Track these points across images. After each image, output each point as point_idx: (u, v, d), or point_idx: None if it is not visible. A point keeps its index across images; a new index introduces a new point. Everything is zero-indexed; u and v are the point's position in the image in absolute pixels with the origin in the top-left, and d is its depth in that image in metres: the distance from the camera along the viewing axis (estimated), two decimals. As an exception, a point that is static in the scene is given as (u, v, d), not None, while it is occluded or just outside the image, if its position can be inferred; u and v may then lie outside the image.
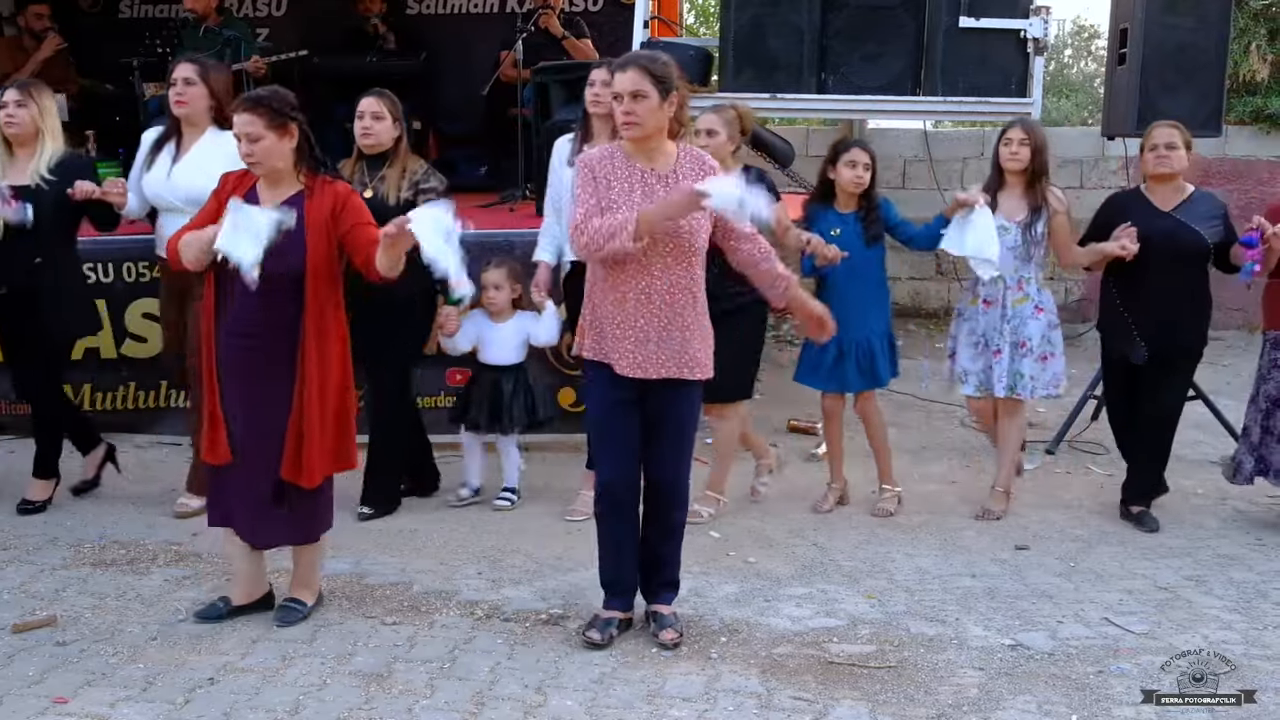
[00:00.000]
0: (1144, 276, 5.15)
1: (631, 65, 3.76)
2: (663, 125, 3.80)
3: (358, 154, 5.18)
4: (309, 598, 4.20)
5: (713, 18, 13.72)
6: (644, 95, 3.72)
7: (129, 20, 9.05)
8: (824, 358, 5.31)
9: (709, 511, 5.31)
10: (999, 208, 5.27)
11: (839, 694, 3.67)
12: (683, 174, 3.83)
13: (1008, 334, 5.30)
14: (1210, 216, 5.18)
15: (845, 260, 5.15)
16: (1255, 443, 5.23)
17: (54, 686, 3.60)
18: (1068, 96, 16.29)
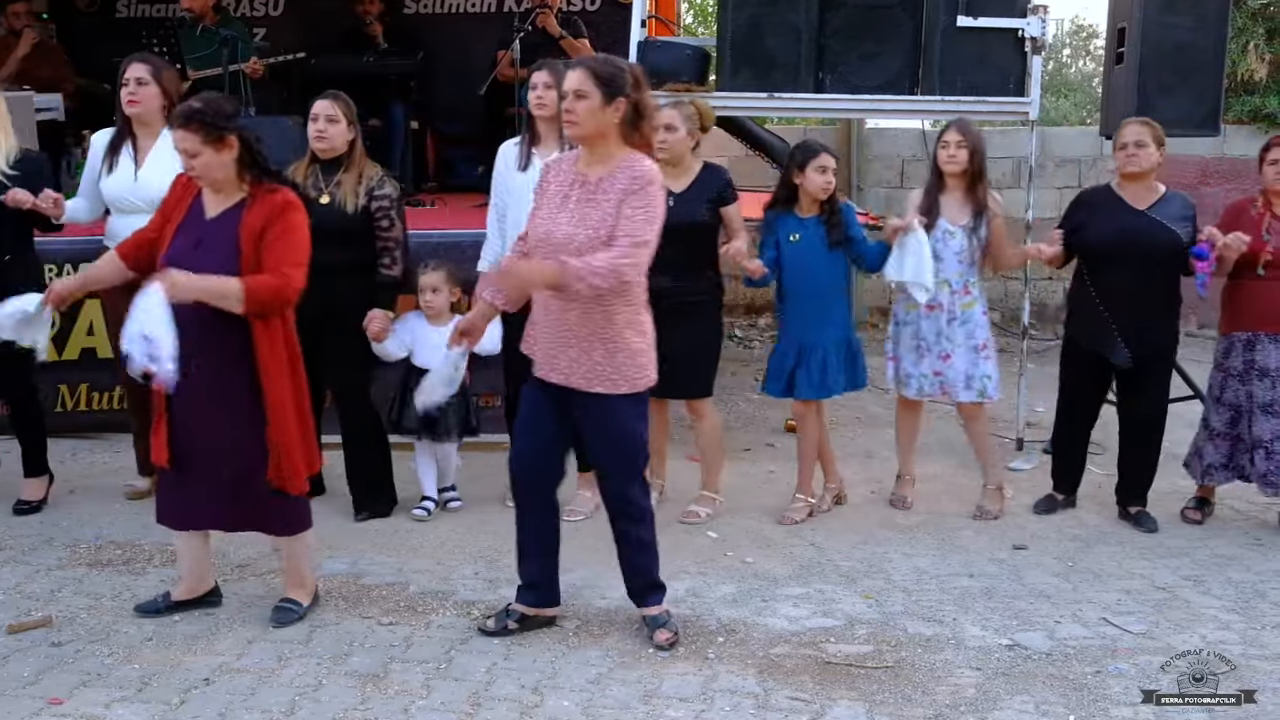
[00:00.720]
0: (1121, 276, 5.14)
1: (580, 65, 3.77)
2: (604, 129, 3.74)
3: (311, 157, 5.12)
4: (304, 597, 4.18)
5: (710, 17, 13.71)
6: (585, 95, 3.69)
7: (126, 20, 9.05)
8: (783, 365, 5.27)
9: (706, 511, 5.31)
10: (943, 211, 5.27)
11: (836, 694, 3.67)
12: (608, 184, 3.75)
13: (961, 337, 5.28)
14: (1183, 217, 5.18)
15: (803, 267, 5.15)
16: (1230, 442, 5.22)
17: (49, 687, 3.60)
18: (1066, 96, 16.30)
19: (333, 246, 4.89)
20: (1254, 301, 5.12)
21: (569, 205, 3.79)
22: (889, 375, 5.54)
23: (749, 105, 6.68)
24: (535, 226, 3.87)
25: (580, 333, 3.78)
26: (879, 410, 7.28)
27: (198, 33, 7.44)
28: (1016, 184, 9.87)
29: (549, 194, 3.87)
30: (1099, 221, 5.21)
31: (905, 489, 5.60)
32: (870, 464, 6.24)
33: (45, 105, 6.96)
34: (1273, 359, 5.09)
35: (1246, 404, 5.16)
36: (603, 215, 3.72)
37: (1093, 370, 5.33)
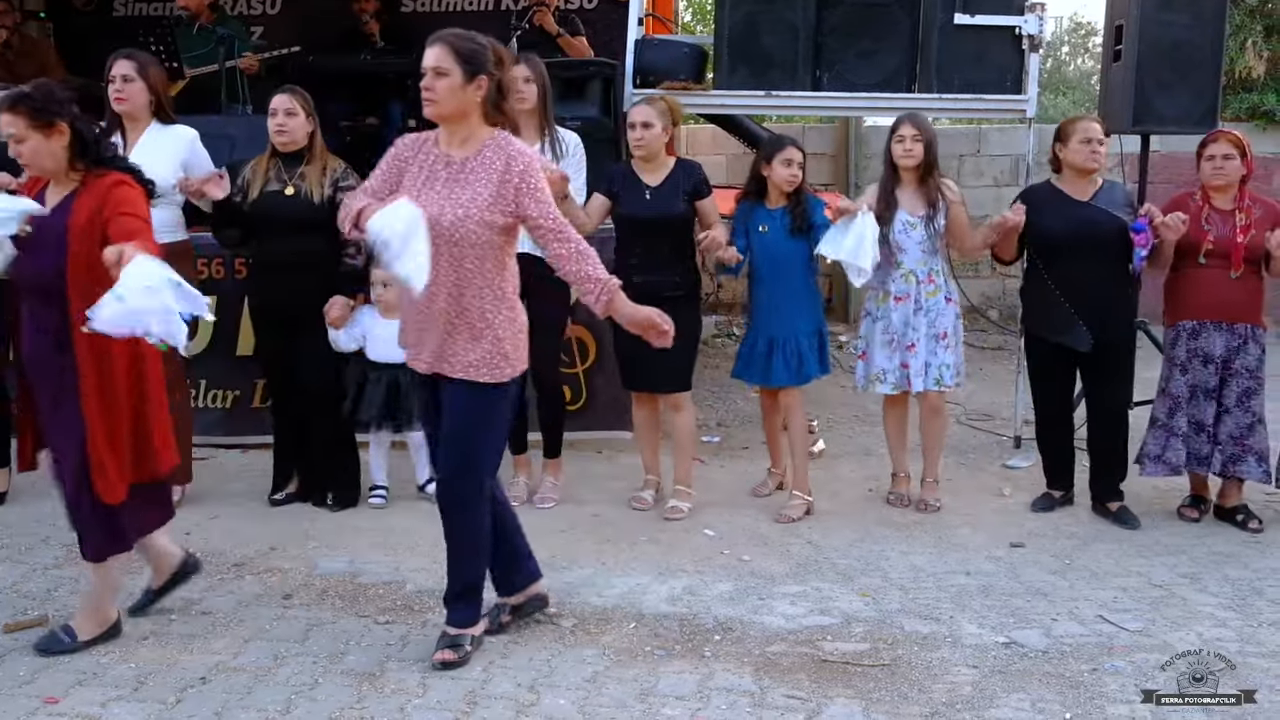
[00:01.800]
0: (1075, 267, 5.24)
1: (439, 41, 3.65)
2: (466, 107, 3.67)
3: (271, 151, 5.19)
4: (85, 630, 3.87)
5: (708, 15, 13.71)
6: (445, 73, 3.61)
7: (123, 18, 9.02)
8: (754, 352, 5.39)
9: (687, 505, 5.37)
10: (900, 204, 5.34)
11: (833, 692, 3.66)
12: (476, 163, 3.68)
13: (924, 327, 5.35)
14: (1125, 204, 5.31)
15: (772, 256, 5.28)
16: (1186, 433, 5.24)
17: (45, 686, 3.59)
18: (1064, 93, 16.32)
19: (300, 237, 5.00)
20: (1196, 291, 5.22)
21: (435, 185, 3.69)
22: (858, 374, 5.60)
23: (746, 103, 6.69)
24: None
25: (445, 318, 3.70)
26: (877, 408, 7.24)
27: (194, 31, 7.43)
28: (1014, 181, 9.86)
29: (409, 175, 3.74)
30: (1046, 217, 5.28)
31: (901, 486, 5.62)
32: (868, 462, 6.24)
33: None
34: (1217, 346, 5.17)
35: (1185, 394, 5.23)
36: (473, 195, 3.64)
37: (1059, 363, 5.39)
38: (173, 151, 5.21)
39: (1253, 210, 5.18)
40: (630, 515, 5.32)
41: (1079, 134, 5.26)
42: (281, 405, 5.42)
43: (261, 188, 5.15)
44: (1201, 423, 5.19)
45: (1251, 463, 5.17)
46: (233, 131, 6.27)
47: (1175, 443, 5.24)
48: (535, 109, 5.22)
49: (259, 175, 5.18)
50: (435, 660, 3.77)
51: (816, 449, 6.43)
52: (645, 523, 5.22)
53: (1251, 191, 5.28)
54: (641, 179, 5.28)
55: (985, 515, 5.39)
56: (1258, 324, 5.21)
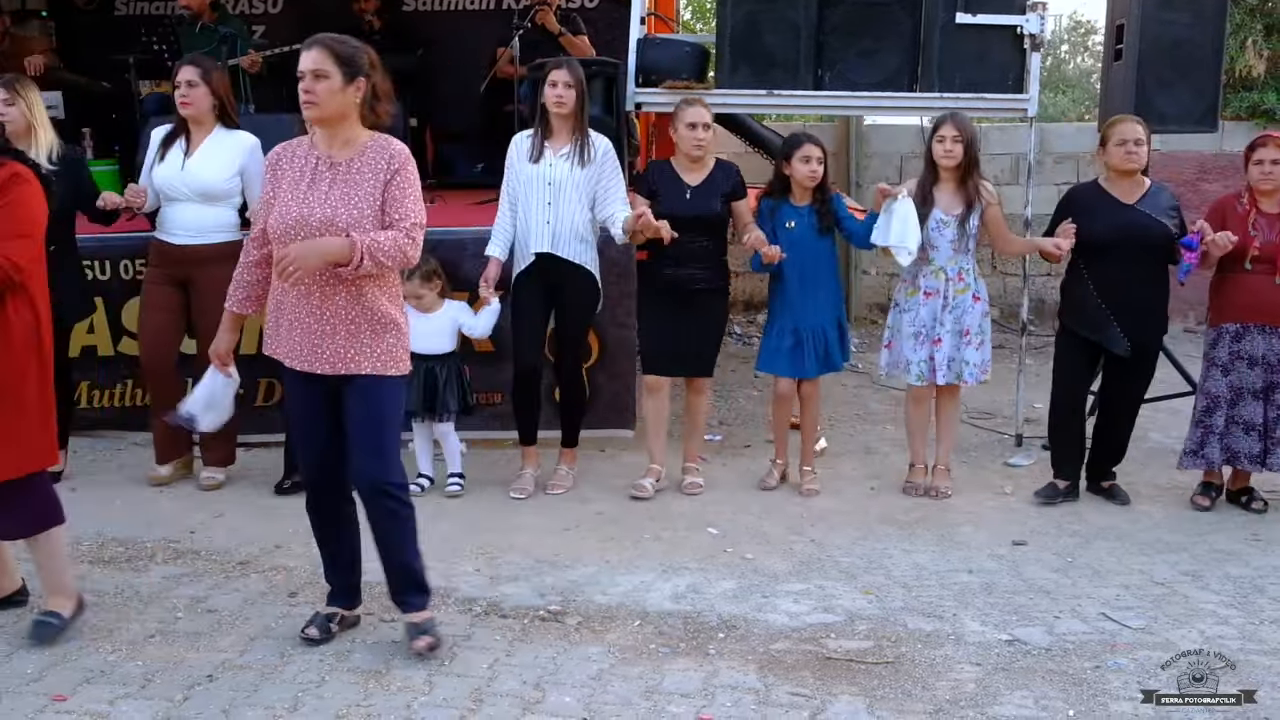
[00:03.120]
0: (1116, 269, 5.33)
1: (317, 44, 3.64)
2: (346, 110, 3.66)
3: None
4: (65, 607, 3.95)
5: (709, 14, 13.72)
6: (324, 75, 3.61)
7: (124, 18, 9.03)
8: (781, 344, 5.57)
9: (701, 480, 5.64)
10: (937, 202, 5.44)
11: (836, 689, 3.68)
12: (361, 164, 3.69)
13: (950, 323, 5.47)
14: (1169, 208, 5.38)
15: (799, 252, 5.44)
16: (1222, 431, 5.33)
17: (53, 684, 3.61)
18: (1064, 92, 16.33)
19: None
20: (1241, 294, 5.29)
21: (320, 188, 3.68)
22: (881, 362, 5.75)
23: (748, 102, 6.69)
24: (284, 212, 3.67)
25: (347, 316, 3.69)
26: (879, 406, 7.30)
27: (196, 30, 7.44)
28: (1015, 180, 9.88)
29: (286, 181, 3.73)
30: (1092, 218, 5.35)
31: (918, 476, 5.71)
32: (870, 460, 6.25)
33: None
34: (1259, 348, 5.25)
35: (1225, 394, 5.31)
36: (364, 195, 3.66)
37: (1088, 359, 5.56)
38: (233, 156, 5.42)
39: None
40: (634, 513, 5.34)
41: (1115, 137, 5.35)
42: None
43: None
44: (1251, 422, 5.28)
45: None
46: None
47: (1213, 440, 5.34)
48: (572, 113, 5.34)
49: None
50: (418, 648, 3.81)
51: (819, 447, 6.44)
52: (649, 521, 5.23)
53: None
54: (682, 178, 5.46)
55: (988, 513, 5.41)
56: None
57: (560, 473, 5.69)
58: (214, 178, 5.36)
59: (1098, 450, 5.68)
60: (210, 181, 5.36)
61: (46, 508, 3.90)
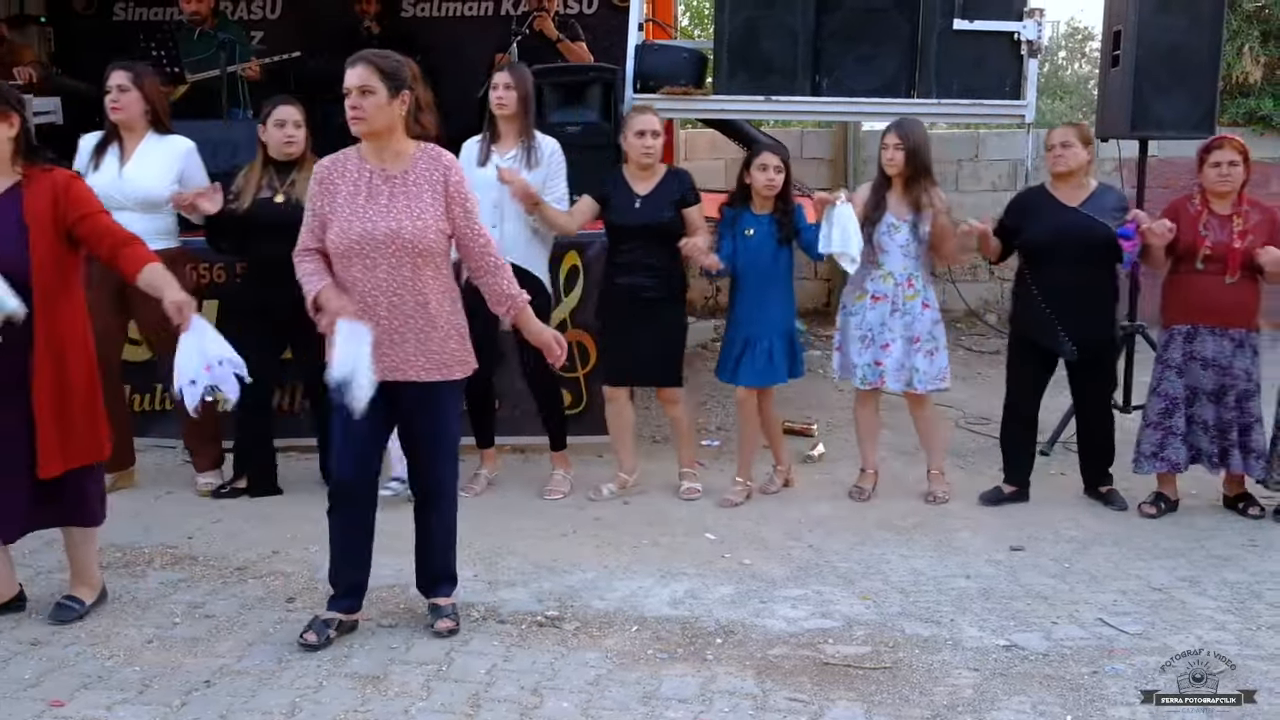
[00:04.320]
0: (1059, 271, 5.36)
1: (360, 61, 3.76)
2: (393, 123, 3.79)
3: (265, 160, 5.32)
4: (88, 595, 4.17)
5: (707, 20, 13.73)
6: (371, 91, 3.73)
7: (123, 23, 9.03)
8: (732, 352, 5.54)
9: (700, 485, 5.62)
10: (889, 207, 5.45)
11: (834, 695, 3.68)
12: (416, 175, 3.82)
13: (900, 329, 5.47)
14: (1115, 209, 5.40)
15: (755, 260, 5.43)
16: (1182, 431, 5.33)
17: (50, 689, 3.60)
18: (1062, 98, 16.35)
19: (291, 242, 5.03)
20: (1192, 295, 5.31)
21: (379, 201, 3.79)
22: (834, 365, 5.75)
23: (746, 108, 6.71)
24: (346, 228, 3.78)
25: (416, 322, 3.82)
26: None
27: (195, 36, 7.45)
28: (1013, 186, 9.89)
29: (342, 195, 3.82)
30: (1034, 221, 5.42)
31: (866, 481, 5.74)
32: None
33: (43, 109, 6.96)
34: (1210, 349, 5.26)
35: (1182, 394, 5.32)
36: (424, 205, 3.81)
37: (1038, 364, 5.55)
38: (170, 162, 5.35)
39: (1250, 215, 5.24)
40: (632, 519, 5.34)
41: (1050, 140, 5.42)
42: (259, 406, 5.42)
43: (254, 195, 5.23)
44: (1207, 422, 5.30)
45: (1253, 462, 5.29)
46: (234, 136, 6.29)
47: (1174, 441, 5.33)
48: (515, 115, 5.36)
49: (251, 184, 5.29)
50: (442, 629, 4.00)
51: (816, 452, 6.45)
52: (647, 526, 5.24)
53: (1249, 196, 5.33)
54: (632, 187, 5.44)
55: (985, 518, 5.41)
56: (1252, 328, 5.28)
57: (556, 478, 5.69)
58: (153, 185, 5.30)
59: (1084, 455, 5.71)
60: (150, 189, 5.29)
61: (88, 506, 4.10)
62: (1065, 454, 6.39)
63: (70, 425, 3.92)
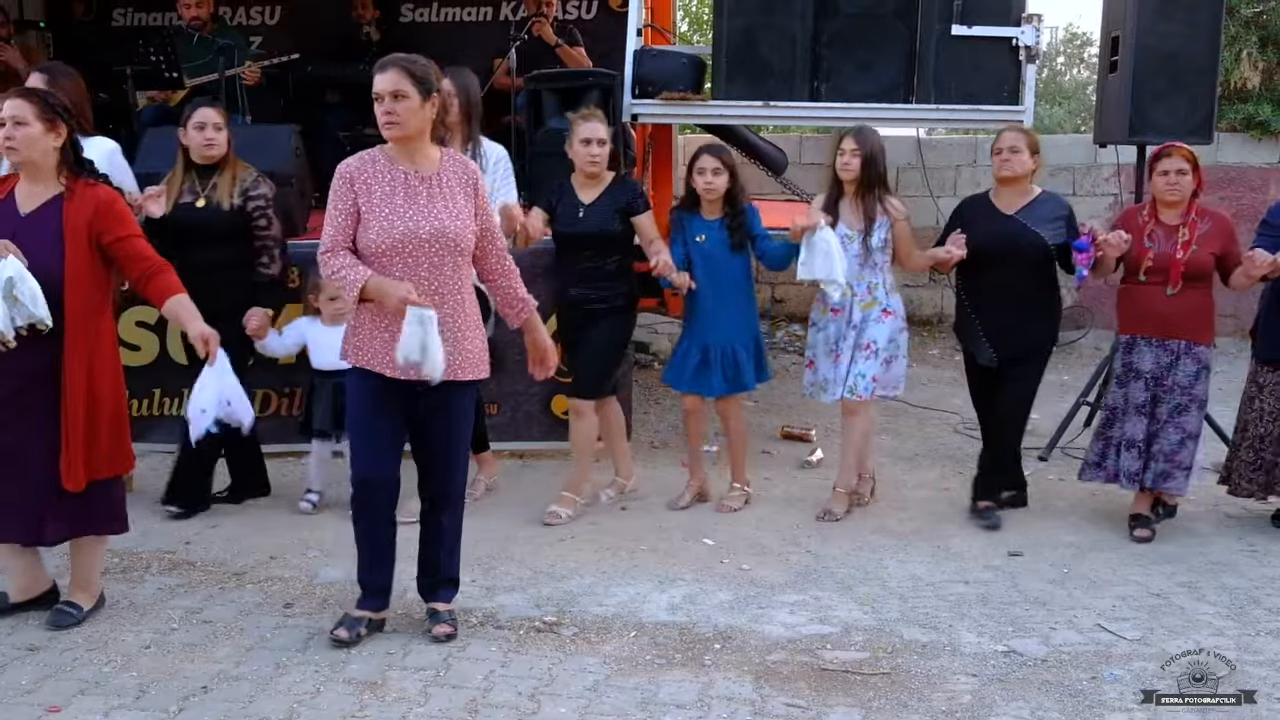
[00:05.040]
0: (988, 279, 5.31)
1: (392, 66, 3.77)
2: (424, 126, 3.84)
3: (186, 164, 5.25)
4: (86, 601, 4.17)
5: (706, 25, 13.73)
6: (405, 95, 3.75)
7: (122, 29, 9.04)
8: (687, 361, 5.43)
9: (567, 513, 5.37)
10: (842, 218, 5.35)
11: (832, 700, 3.68)
12: (448, 177, 3.88)
13: (852, 338, 5.38)
14: (1053, 218, 5.30)
15: (710, 266, 5.31)
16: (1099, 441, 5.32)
17: (47, 696, 3.60)
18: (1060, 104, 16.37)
19: (212, 246, 5.06)
20: (1134, 305, 5.25)
21: (418, 202, 3.82)
22: (805, 381, 5.62)
23: (744, 114, 6.71)
24: (387, 227, 3.79)
25: (455, 323, 3.86)
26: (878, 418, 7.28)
27: (194, 42, 7.46)
28: (1011, 191, 9.89)
29: (377, 195, 3.82)
30: (972, 228, 5.33)
31: (863, 486, 5.65)
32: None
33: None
34: (1147, 361, 5.18)
35: (1121, 405, 5.26)
36: (460, 206, 3.88)
37: (982, 373, 5.49)
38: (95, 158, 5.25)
39: (1198, 225, 5.13)
40: (630, 524, 5.34)
41: (998, 144, 5.35)
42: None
43: (175, 200, 5.19)
44: (1132, 439, 5.19)
45: (1180, 478, 5.15)
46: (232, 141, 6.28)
47: (1111, 453, 5.28)
48: (459, 121, 5.26)
49: (172, 188, 5.23)
50: (440, 633, 4.02)
51: (815, 458, 6.45)
52: (645, 532, 5.23)
53: (1200, 205, 5.23)
54: (578, 196, 5.33)
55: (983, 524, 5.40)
56: (1196, 340, 5.14)
57: (477, 482, 5.55)
58: None
59: (981, 464, 5.57)
60: None
61: (112, 515, 4.14)
62: (1064, 459, 6.40)
63: (97, 438, 3.94)
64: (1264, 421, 5.28)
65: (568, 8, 8.72)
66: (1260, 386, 5.31)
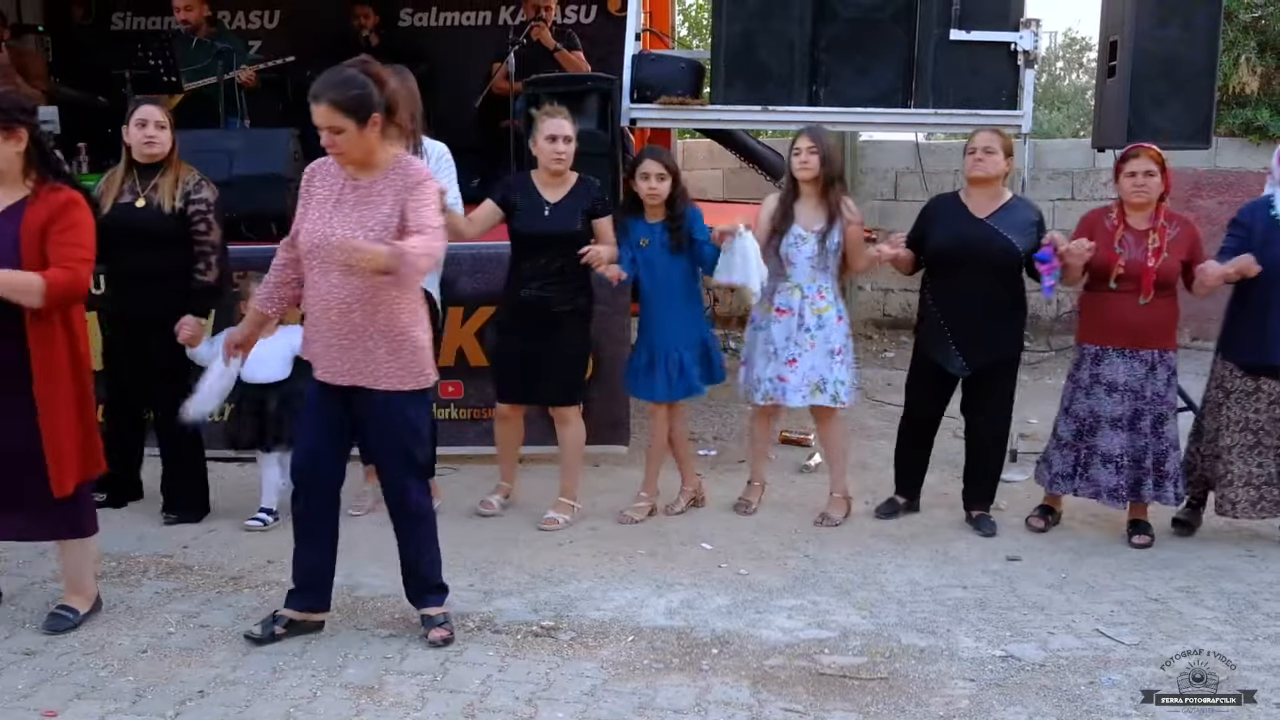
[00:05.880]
0: (959, 284, 5.22)
1: (322, 100, 3.69)
2: (371, 146, 3.77)
3: (129, 163, 5.18)
4: (81, 605, 4.18)
5: (705, 29, 13.75)
6: (339, 129, 3.70)
7: (121, 33, 9.06)
8: (638, 364, 5.40)
9: (564, 518, 5.37)
10: (797, 218, 5.32)
11: (830, 705, 3.67)
12: (383, 185, 3.80)
13: (816, 342, 5.31)
14: (1025, 224, 5.22)
15: (653, 270, 5.28)
16: (1082, 458, 5.20)
17: (44, 700, 3.59)
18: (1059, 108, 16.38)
19: (150, 249, 4.97)
20: (1104, 314, 5.13)
21: (343, 209, 3.81)
22: (739, 381, 5.58)
23: (743, 118, 6.71)
24: (309, 231, 3.83)
25: (365, 332, 3.81)
26: (874, 422, 7.30)
27: (193, 45, 7.46)
28: (1010, 196, 9.90)
29: (316, 199, 3.86)
30: (939, 229, 5.28)
31: (753, 494, 5.65)
32: (864, 475, 6.24)
33: (41, 118, 6.96)
34: (1120, 373, 5.09)
35: (1089, 418, 5.17)
36: (380, 217, 3.77)
37: (936, 378, 5.40)
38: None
39: (1167, 230, 5.06)
40: (628, 529, 5.33)
41: (970, 146, 5.29)
42: (122, 418, 5.38)
43: (114, 200, 5.10)
44: (1109, 454, 5.11)
45: (1167, 488, 5.11)
46: (231, 145, 6.29)
47: (1083, 466, 5.19)
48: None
49: (112, 188, 5.14)
50: (435, 638, 4.01)
51: (813, 463, 6.45)
52: (643, 536, 5.23)
53: (1168, 210, 5.17)
54: (542, 195, 5.25)
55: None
56: (1166, 348, 5.11)
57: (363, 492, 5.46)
58: None
59: (967, 477, 5.54)
60: None
61: (83, 518, 4.11)
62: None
63: (59, 444, 3.91)
64: (1234, 432, 5.13)
65: (566, 12, 8.74)
66: (1228, 393, 5.17)
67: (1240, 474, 5.09)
